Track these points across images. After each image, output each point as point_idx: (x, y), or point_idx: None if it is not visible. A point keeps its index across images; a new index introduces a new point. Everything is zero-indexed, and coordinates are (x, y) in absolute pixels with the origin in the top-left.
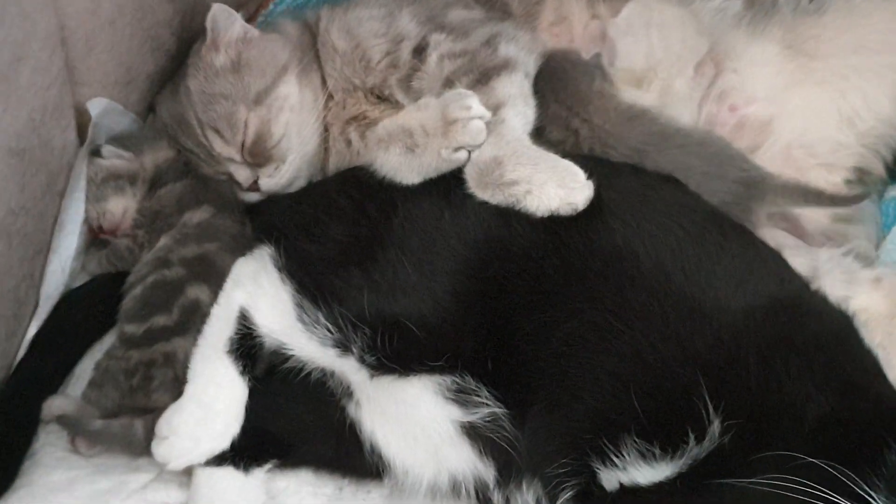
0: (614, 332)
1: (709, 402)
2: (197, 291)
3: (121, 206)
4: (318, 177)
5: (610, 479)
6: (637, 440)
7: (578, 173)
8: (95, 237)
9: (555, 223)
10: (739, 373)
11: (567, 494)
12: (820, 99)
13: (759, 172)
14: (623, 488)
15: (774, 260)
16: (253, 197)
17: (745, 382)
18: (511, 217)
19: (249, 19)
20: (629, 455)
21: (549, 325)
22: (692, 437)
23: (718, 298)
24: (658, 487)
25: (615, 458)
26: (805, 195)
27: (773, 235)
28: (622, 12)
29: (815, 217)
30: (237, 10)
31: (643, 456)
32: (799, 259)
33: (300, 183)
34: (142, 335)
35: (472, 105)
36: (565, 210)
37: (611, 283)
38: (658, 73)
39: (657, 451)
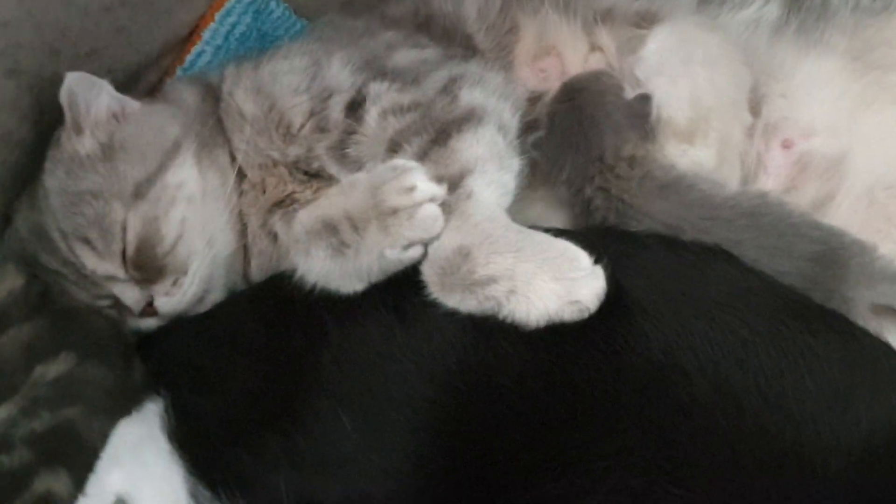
0: (668, 502)
1: None
2: (50, 482)
3: None
4: (242, 285)
5: None
6: None
7: (580, 257)
8: None
9: (559, 336)
10: None
11: None
12: None
13: (840, 241)
14: None
15: (886, 356)
16: (150, 324)
17: None
18: (495, 332)
19: (153, 91)
20: None
21: (564, 500)
22: None
23: (819, 430)
24: None
25: None
26: None
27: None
28: (649, 44)
29: None
30: (138, 78)
31: None
32: None
33: (215, 297)
34: None
35: (417, 184)
36: (570, 314)
37: (653, 423)
38: (711, 122)
39: None
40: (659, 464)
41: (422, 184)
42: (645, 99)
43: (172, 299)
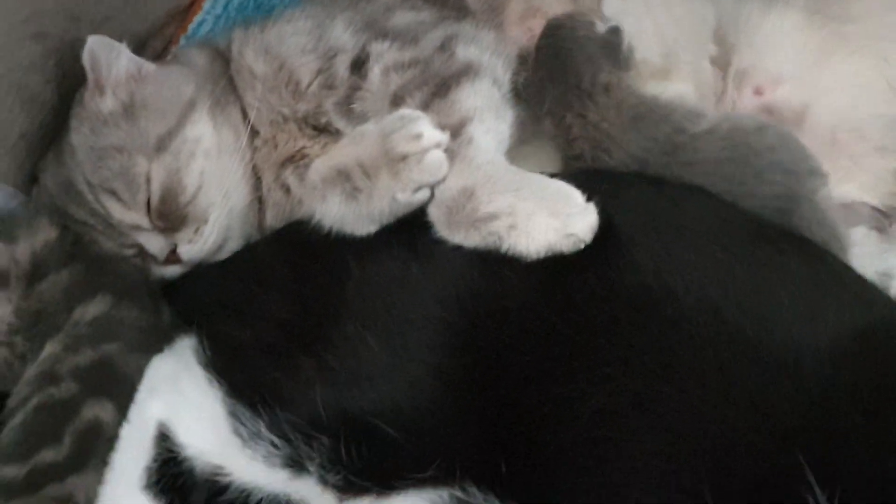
0: (662, 401)
1: (817, 489)
2: (96, 410)
3: None
4: (256, 236)
5: None
6: None
7: (573, 195)
8: None
9: (558, 265)
10: (845, 441)
11: None
12: (860, 69)
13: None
14: None
15: (849, 275)
16: (174, 271)
17: (856, 454)
18: (500, 263)
19: (158, 57)
20: None
21: (571, 401)
22: None
23: (791, 337)
24: None
25: None
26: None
27: None
28: None
29: None
30: (144, 45)
31: None
32: (868, 259)
33: (233, 246)
34: (24, 479)
35: (424, 131)
36: (566, 245)
37: (646, 335)
38: (681, 56)
39: None
40: (653, 368)
41: (428, 131)
42: (615, 31)
43: (194, 247)
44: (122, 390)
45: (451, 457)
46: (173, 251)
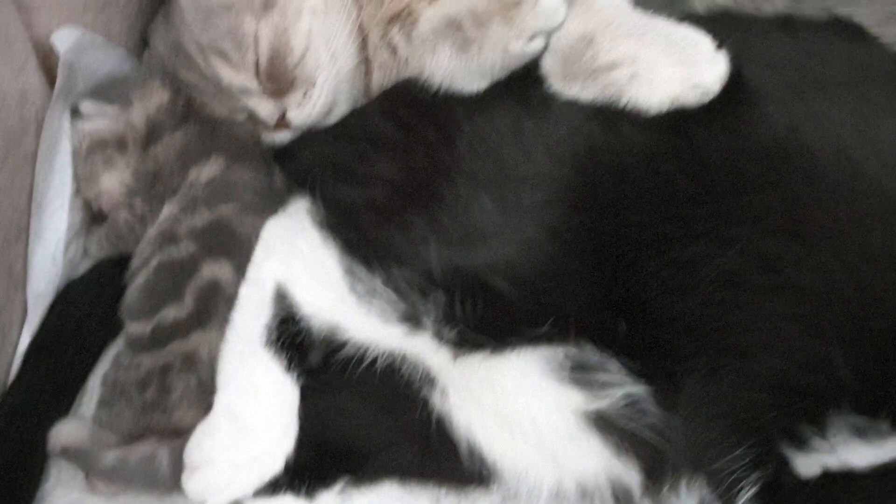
0: (793, 260)
1: None
2: (214, 269)
3: (116, 183)
4: (363, 101)
5: (809, 464)
6: (850, 413)
7: (702, 41)
8: (95, 216)
9: (682, 118)
10: None
11: (747, 494)
12: None
13: None
14: (828, 476)
15: None
16: (283, 136)
17: None
18: (619, 118)
19: None
20: (839, 434)
21: (696, 262)
22: None
23: None
24: (883, 471)
25: (817, 439)
26: None
27: None
28: None
29: None
30: None
31: (861, 433)
32: None
33: (340, 110)
34: (151, 335)
35: None
36: (692, 97)
37: (778, 192)
38: None
39: (883, 427)
40: (784, 227)
41: None
42: None
43: (303, 111)
44: (239, 250)
45: (567, 314)
46: (283, 116)
